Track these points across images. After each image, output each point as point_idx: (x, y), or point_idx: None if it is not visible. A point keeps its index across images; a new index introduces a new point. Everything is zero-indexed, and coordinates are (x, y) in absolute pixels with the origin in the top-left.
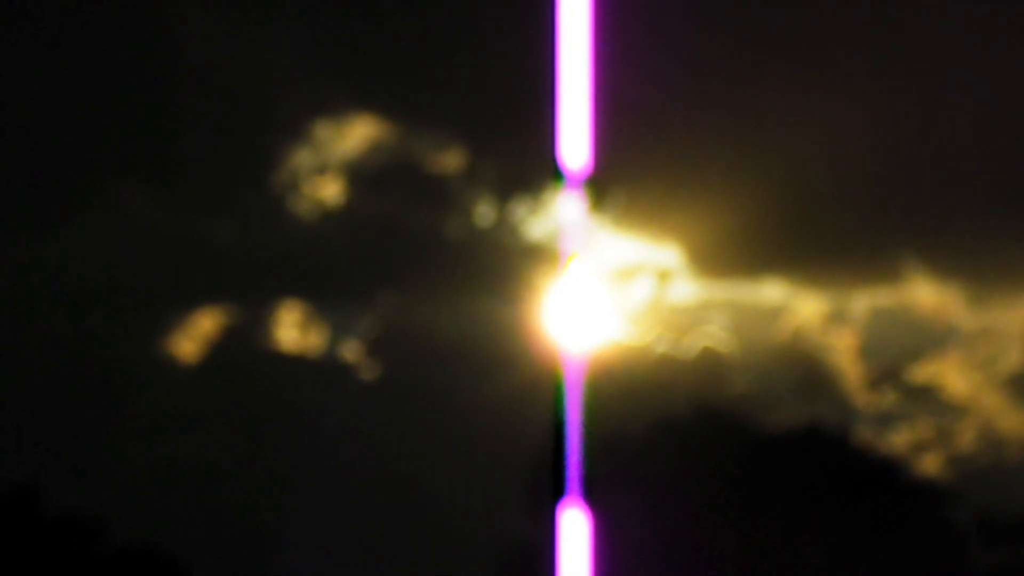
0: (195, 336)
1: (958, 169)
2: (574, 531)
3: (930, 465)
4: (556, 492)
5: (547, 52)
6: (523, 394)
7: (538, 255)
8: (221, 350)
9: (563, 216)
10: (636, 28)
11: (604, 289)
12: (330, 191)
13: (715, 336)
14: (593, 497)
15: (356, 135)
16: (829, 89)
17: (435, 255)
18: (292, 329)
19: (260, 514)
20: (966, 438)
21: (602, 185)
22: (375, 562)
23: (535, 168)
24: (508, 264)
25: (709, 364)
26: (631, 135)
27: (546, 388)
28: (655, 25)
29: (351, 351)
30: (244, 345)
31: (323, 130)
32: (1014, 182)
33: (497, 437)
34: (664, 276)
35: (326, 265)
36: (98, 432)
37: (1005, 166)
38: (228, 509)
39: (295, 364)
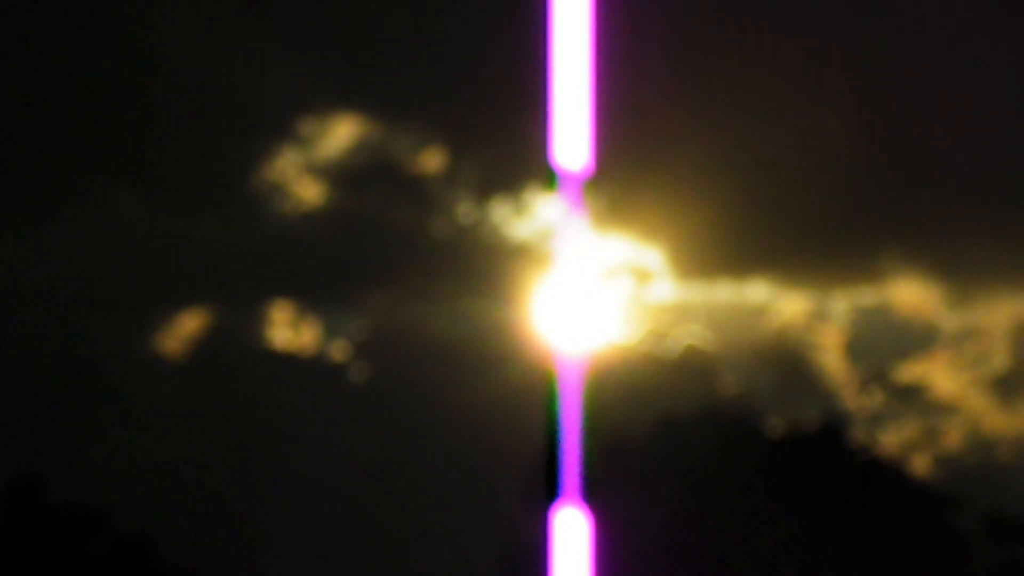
0: (181, 335)
1: (940, 169)
2: (569, 531)
3: (919, 464)
4: (550, 493)
5: (538, 51)
6: (515, 394)
7: (528, 255)
8: (207, 349)
9: (554, 216)
10: (622, 30)
11: (592, 289)
12: (317, 190)
13: (699, 336)
14: (586, 497)
15: (342, 133)
16: (813, 92)
17: (426, 255)
18: (280, 329)
19: (253, 514)
20: (954, 437)
21: (590, 185)
22: (368, 563)
23: (527, 168)
24: (499, 264)
25: (694, 363)
26: (615, 136)
27: (538, 388)
28: (642, 27)
29: (340, 351)
30: (230, 344)
31: (308, 128)
32: (995, 182)
33: (489, 437)
34: (648, 276)
35: (314, 265)
36: (86, 431)
37: (986, 166)
38: (218, 507)
39: (282, 364)
